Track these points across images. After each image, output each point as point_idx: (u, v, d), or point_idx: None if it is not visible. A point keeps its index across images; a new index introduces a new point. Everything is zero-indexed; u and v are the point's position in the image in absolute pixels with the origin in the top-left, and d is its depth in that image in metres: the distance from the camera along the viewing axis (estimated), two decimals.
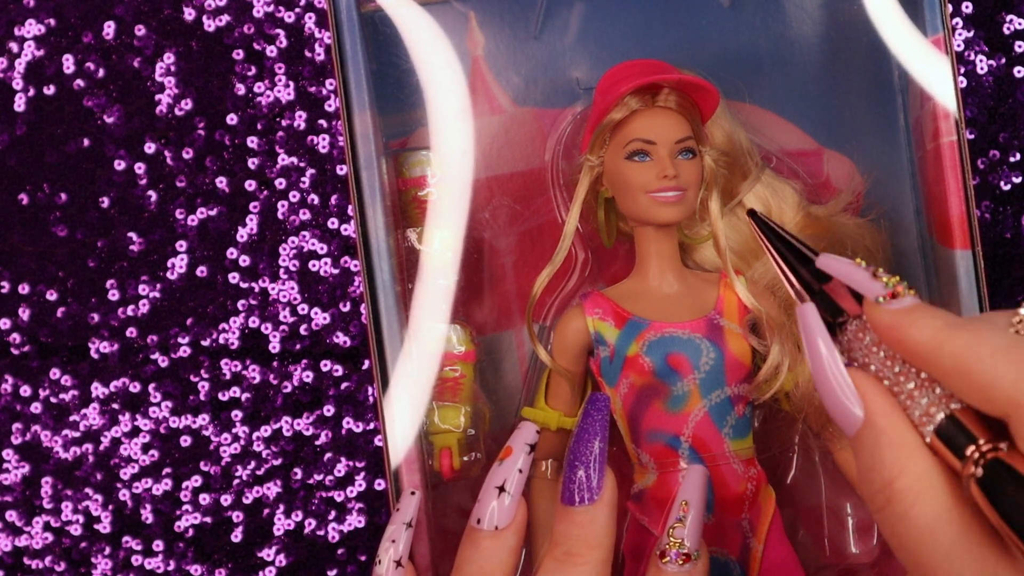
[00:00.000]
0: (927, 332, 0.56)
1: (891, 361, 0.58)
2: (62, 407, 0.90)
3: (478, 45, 0.83)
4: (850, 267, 0.60)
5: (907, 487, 0.56)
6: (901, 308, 0.58)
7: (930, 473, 0.56)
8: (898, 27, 0.80)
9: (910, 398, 0.57)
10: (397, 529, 0.72)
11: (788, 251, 0.63)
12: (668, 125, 0.76)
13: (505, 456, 0.69)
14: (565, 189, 0.82)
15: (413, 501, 0.72)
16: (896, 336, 0.58)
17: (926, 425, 0.57)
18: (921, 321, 0.57)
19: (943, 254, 0.78)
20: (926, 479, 0.56)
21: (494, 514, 0.67)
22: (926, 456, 0.57)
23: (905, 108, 0.82)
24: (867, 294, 0.59)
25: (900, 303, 0.58)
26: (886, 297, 0.58)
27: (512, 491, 0.67)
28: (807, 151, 0.84)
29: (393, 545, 0.71)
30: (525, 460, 0.69)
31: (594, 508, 0.67)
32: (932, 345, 0.56)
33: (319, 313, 0.90)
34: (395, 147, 0.81)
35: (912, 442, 0.57)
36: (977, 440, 0.55)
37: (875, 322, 0.58)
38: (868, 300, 0.59)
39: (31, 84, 0.91)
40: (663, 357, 0.75)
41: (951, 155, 0.77)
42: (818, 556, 0.82)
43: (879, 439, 0.57)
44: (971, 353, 0.55)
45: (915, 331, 0.57)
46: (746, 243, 0.80)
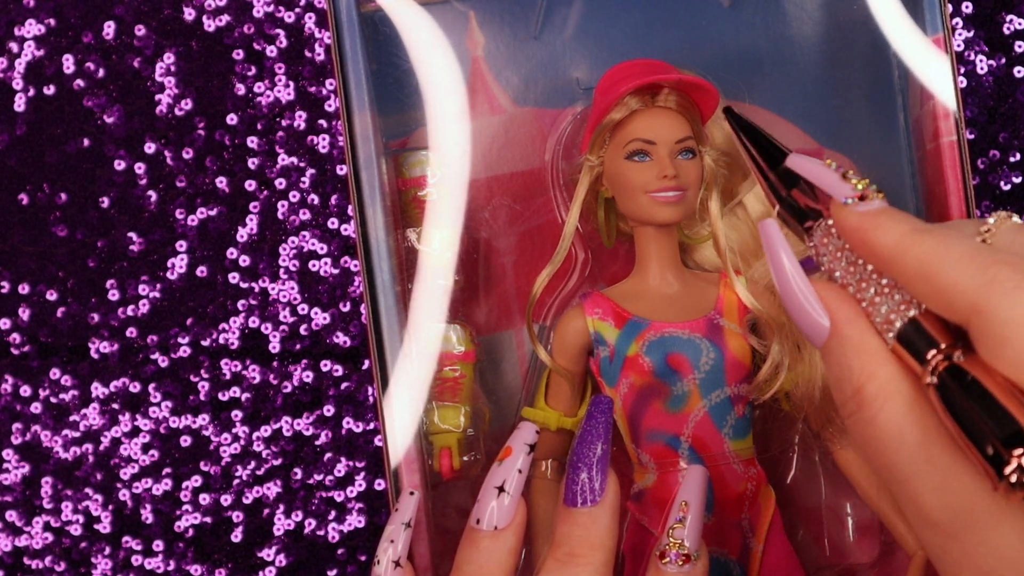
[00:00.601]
0: (893, 235, 0.56)
1: (854, 267, 0.58)
2: (62, 407, 0.90)
3: (478, 45, 0.83)
4: (819, 167, 0.60)
5: (875, 392, 0.56)
6: (868, 210, 0.58)
7: (896, 378, 0.56)
8: (899, 26, 0.80)
9: (871, 304, 0.57)
10: (396, 529, 0.71)
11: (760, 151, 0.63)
12: (668, 125, 0.76)
13: (504, 456, 0.69)
14: (565, 189, 0.82)
15: (412, 501, 0.72)
16: (862, 238, 0.57)
17: (887, 331, 0.57)
18: (888, 224, 0.57)
19: None
20: (892, 384, 0.56)
21: (493, 514, 0.67)
22: (891, 361, 0.57)
23: (905, 108, 0.82)
24: (835, 195, 0.59)
25: (868, 205, 0.58)
26: (854, 199, 0.58)
27: (511, 491, 0.67)
28: (807, 151, 0.83)
29: (392, 545, 0.71)
30: (524, 460, 0.69)
31: (596, 509, 0.67)
32: (897, 249, 0.56)
33: (319, 313, 0.90)
34: (395, 147, 0.81)
35: (878, 348, 0.57)
36: (939, 345, 0.55)
37: (841, 224, 0.58)
38: (835, 201, 0.59)
39: (31, 84, 0.91)
40: (663, 357, 0.75)
41: (951, 154, 0.77)
42: (818, 556, 0.82)
43: (846, 347, 0.58)
44: (935, 258, 0.55)
45: (881, 234, 0.57)
46: (746, 243, 0.80)
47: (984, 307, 0.52)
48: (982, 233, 0.57)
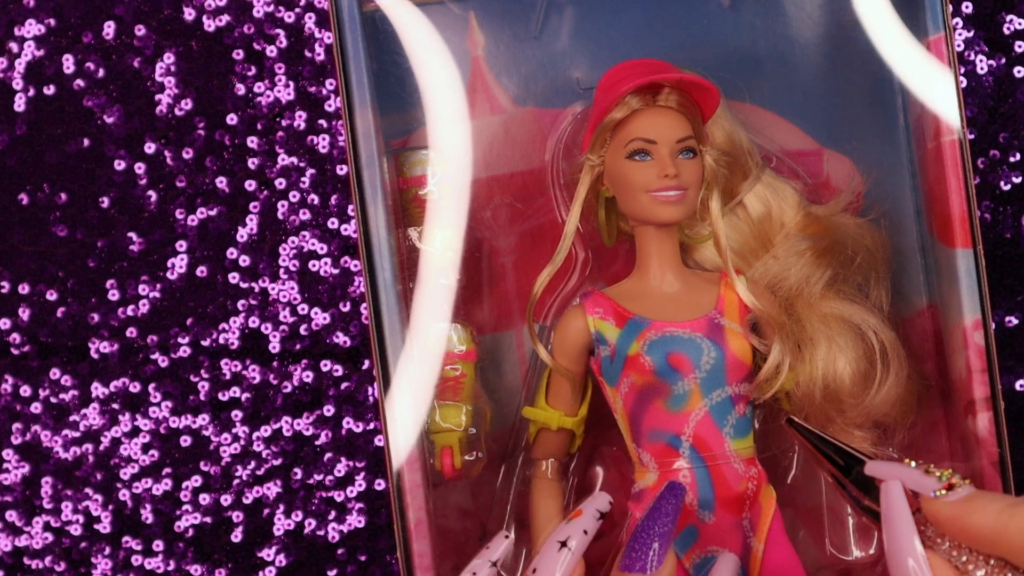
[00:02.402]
0: (990, 515, 0.58)
1: (957, 551, 0.60)
2: (62, 407, 0.90)
3: (478, 45, 0.83)
4: (900, 468, 0.63)
5: None
6: (959, 499, 0.60)
7: None
8: (893, 32, 0.80)
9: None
10: (481, 564, 0.72)
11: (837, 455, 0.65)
12: (669, 124, 0.76)
13: (574, 517, 0.70)
14: (565, 189, 0.82)
15: (505, 544, 0.73)
16: (959, 525, 0.60)
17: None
18: (982, 506, 0.59)
19: (944, 252, 0.78)
20: None
21: (552, 566, 0.68)
22: None
23: (905, 108, 0.82)
24: (923, 491, 0.61)
25: (957, 494, 0.60)
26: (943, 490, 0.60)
27: (573, 549, 0.69)
28: (807, 151, 0.84)
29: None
30: (592, 524, 0.70)
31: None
32: (997, 526, 0.58)
33: (319, 313, 0.90)
34: (396, 146, 0.81)
35: None
36: None
37: (935, 515, 0.61)
38: (926, 496, 0.61)
39: (31, 84, 0.91)
40: (664, 356, 0.75)
41: (952, 153, 0.77)
42: (818, 556, 0.82)
43: None
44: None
45: (978, 516, 0.59)
46: (746, 242, 0.80)
47: None
48: None
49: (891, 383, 0.77)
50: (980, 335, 0.76)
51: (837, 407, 0.77)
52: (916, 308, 0.82)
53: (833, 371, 0.77)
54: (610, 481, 0.83)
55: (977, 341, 0.77)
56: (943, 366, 0.81)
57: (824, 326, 0.77)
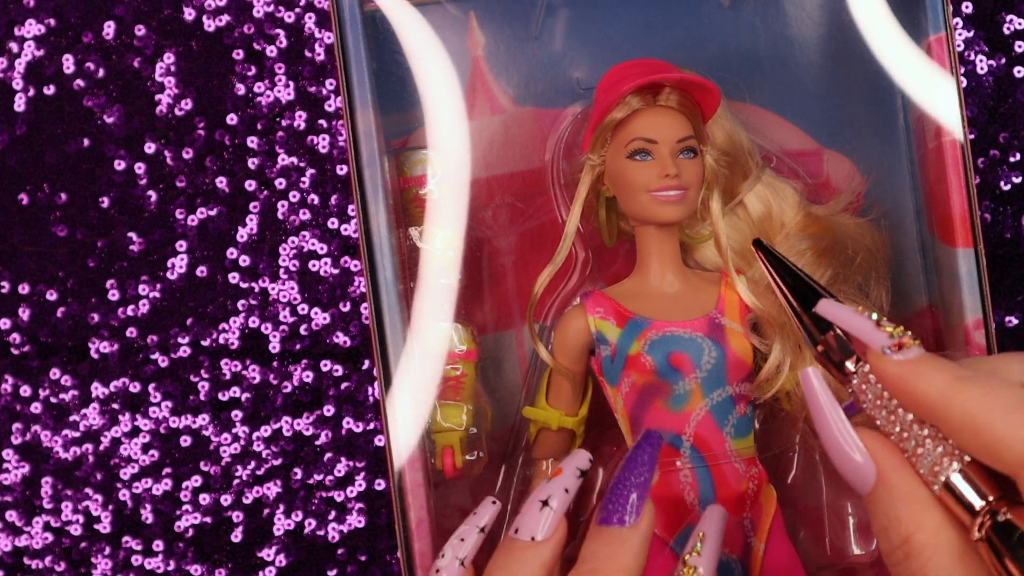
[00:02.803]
0: (936, 385, 0.56)
1: (894, 416, 0.58)
2: (62, 407, 0.90)
3: (478, 45, 0.83)
4: (852, 315, 0.60)
5: (924, 541, 0.56)
6: (908, 359, 0.57)
7: (944, 526, 0.56)
8: (893, 32, 0.80)
9: (914, 455, 0.57)
10: (469, 530, 0.70)
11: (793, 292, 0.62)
12: (669, 124, 0.76)
13: (554, 475, 0.69)
14: (565, 189, 0.83)
15: (491, 509, 0.72)
16: (903, 388, 0.57)
17: (932, 483, 0.56)
18: (929, 373, 0.56)
19: (945, 252, 0.78)
20: (941, 533, 0.56)
21: (534, 525, 0.67)
22: (939, 510, 0.57)
23: (905, 108, 0.82)
24: (872, 344, 0.58)
25: (907, 354, 0.57)
26: (892, 348, 0.58)
27: (555, 507, 0.67)
28: (807, 151, 0.84)
29: (461, 544, 0.70)
30: (573, 483, 0.68)
31: (628, 531, 0.66)
32: (941, 399, 0.56)
33: (319, 313, 0.90)
34: (396, 146, 0.81)
35: (925, 497, 0.57)
36: (987, 497, 0.55)
37: (881, 373, 0.58)
38: (873, 350, 0.58)
39: (31, 84, 0.91)
40: (665, 356, 0.75)
41: (953, 153, 0.77)
42: (819, 556, 0.82)
43: (893, 496, 0.57)
44: (981, 409, 0.54)
45: (923, 383, 0.56)
46: (747, 242, 0.80)
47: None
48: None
49: None
50: (981, 334, 0.77)
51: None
52: (916, 308, 0.82)
53: None
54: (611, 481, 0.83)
55: (978, 340, 0.77)
56: None
57: None
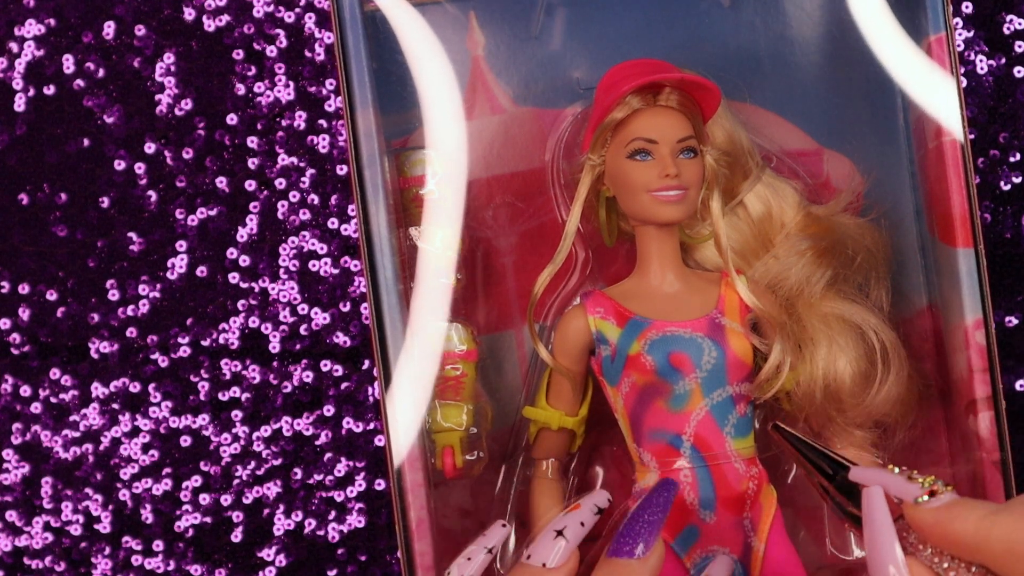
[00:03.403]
0: (971, 522, 0.58)
1: (939, 558, 0.60)
2: (62, 407, 0.90)
3: (478, 45, 0.83)
4: (883, 475, 0.63)
5: None
6: (942, 505, 0.60)
7: None
8: (893, 32, 0.80)
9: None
10: (476, 549, 0.71)
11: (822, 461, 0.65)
12: (670, 124, 0.76)
13: (572, 509, 0.70)
14: (565, 189, 0.83)
15: (501, 532, 0.72)
16: (941, 532, 0.60)
17: None
18: (964, 513, 0.59)
19: (945, 252, 0.78)
20: None
21: (546, 552, 0.68)
22: None
23: (905, 108, 0.82)
24: (906, 497, 0.61)
25: (939, 501, 0.60)
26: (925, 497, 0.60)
27: (569, 538, 0.68)
28: (807, 151, 0.84)
29: (467, 563, 0.71)
30: (590, 519, 0.70)
31: (636, 563, 0.67)
32: (978, 534, 0.58)
33: (319, 313, 0.90)
34: (396, 146, 0.81)
35: None
36: None
37: (918, 521, 0.61)
38: (908, 503, 0.61)
39: (31, 84, 0.91)
40: (665, 356, 0.75)
41: (953, 153, 0.77)
42: (819, 556, 0.82)
43: None
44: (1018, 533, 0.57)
45: (959, 523, 0.59)
46: (747, 242, 0.80)
47: None
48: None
49: (891, 383, 0.78)
50: (981, 334, 0.77)
51: (838, 407, 0.77)
52: (916, 308, 0.82)
53: (834, 371, 0.77)
54: (610, 481, 0.83)
55: (979, 340, 0.77)
56: (943, 365, 0.81)
57: (825, 326, 0.77)
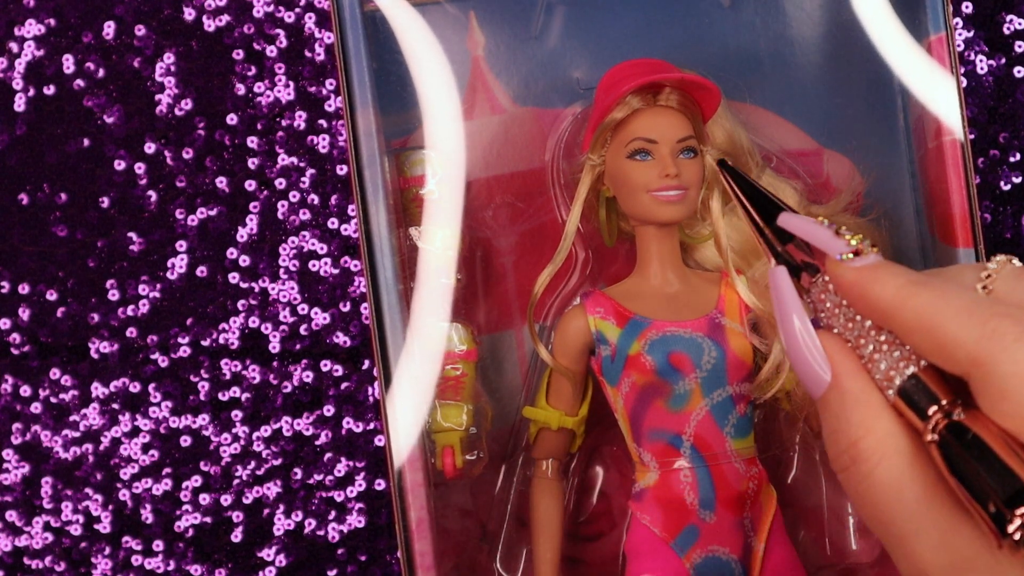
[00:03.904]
0: (890, 288, 0.56)
1: (852, 323, 0.58)
2: (62, 407, 0.90)
3: (478, 45, 0.83)
4: (812, 225, 0.60)
5: (872, 446, 0.56)
6: (864, 265, 0.57)
7: (894, 433, 0.56)
8: (893, 32, 0.80)
9: (871, 360, 0.57)
10: None
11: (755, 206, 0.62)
12: (670, 124, 0.76)
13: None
14: (565, 189, 0.83)
15: None
16: (859, 293, 0.57)
17: (887, 387, 0.56)
18: (884, 278, 0.56)
19: (946, 252, 0.78)
20: (891, 439, 0.56)
21: None
22: (891, 416, 0.56)
23: (905, 108, 0.82)
24: (830, 252, 0.59)
25: (863, 260, 0.58)
26: (849, 254, 0.58)
27: None
28: (807, 151, 0.84)
29: None
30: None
31: None
32: (895, 301, 0.55)
33: (319, 313, 0.90)
34: (396, 146, 0.81)
35: (877, 402, 0.57)
36: (940, 400, 0.55)
37: (838, 279, 0.58)
38: (831, 258, 0.59)
39: (31, 84, 0.91)
40: (665, 356, 0.75)
41: (953, 152, 0.77)
42: (819, 556, 0.82)
43: (845, 399, 0.57)
44: (934, 310, 0.54)
45: (878, 287, 0.56)
46: (747, 242, 0.80)
47: (984, 361, 0.52)
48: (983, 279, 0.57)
49: None
50: None
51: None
52: None
53: None
54: (610, 481, 0.83)
55: None
56: None
57: None
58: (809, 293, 0.61)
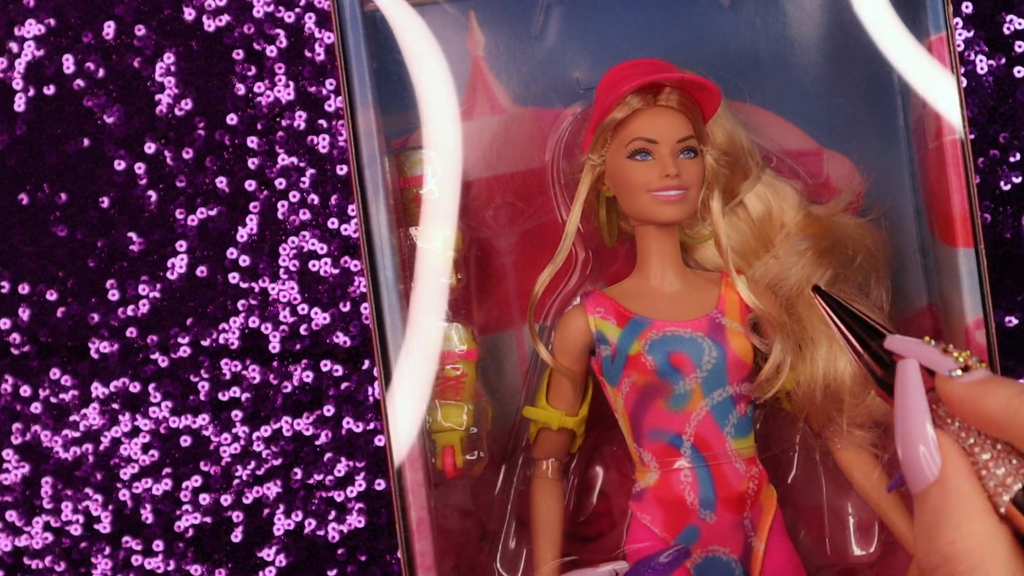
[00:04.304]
0: (1002, 400, 0.58)
1: (965, 433, 0.60)
2: (62, 407, 0.90)
3: (478, 45, 0.83)
4: (919, 346, 0.62)
5: (971, 547, 0.57)
6: (974, 380, 0.59)
7: (996, 537, 0.57)
8: (894, 32, 0.80)
9: (985, 468, 0.58)
10: None
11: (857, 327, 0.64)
12: (670, 124, 0.76)
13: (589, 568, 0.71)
14: (565, 189, 0.83)
15: None
16: (971, 407, 0.59)
17: (1002, 493, 0.57)
18: (995, 391, 0.58)
19: (945, 252, 0.78)
20: (991, 543, 0.57)
21: None
22: (994, 522, 0.57)
23: (905, 108, 0.82)
24: (939, 369, 0.60)
25: (972, 376, 0.59)
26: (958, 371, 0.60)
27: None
28: (807, 151, 0.84)
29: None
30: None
31: None
32: (1007, 412, 0.57)
33: (319, 313, 0.90)
34: (396, 146, 0.81)
35: (981, 505, 0.58)
36: None
37: (949, 395, 0.60)
38: (940, 375, 0.60)
39: (31, 84, 0.91)
40: (665, 356, 0.75)
41: (953, 152, 0.77)
42: (819, 555, 0.82)
43: (948, 497, 0.58)
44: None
45: (990, 400, 0.58)
46: (747, 242, 0.80)
47: None
48: None
49: None
50: (982, 334, 0.77)
51: (838, 406, 0.77)
52: (916, 307, 0.82)
53: (834, 370, 0.77)
54: (610, 481, 0.83)
55: (979, 340, 0.77)
56: None
57: (825, 326, 0.77)
58: None
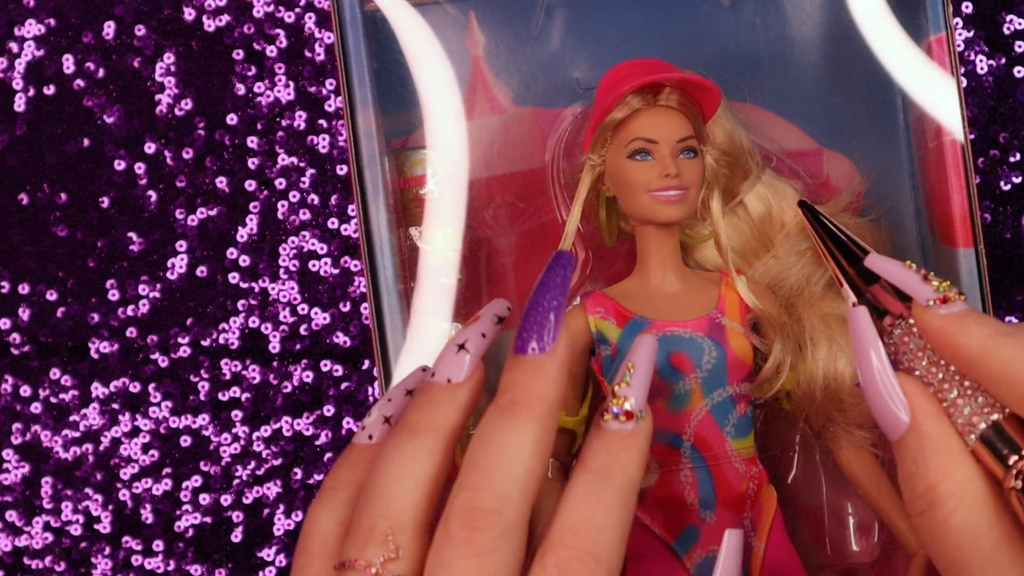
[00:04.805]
0: (977, 338, 0.56)
1: (935, 367, 0.58)
2: (62, 407, 0.90)
3: (478, 45, 0.83)
4: (900, 269, 0.61)
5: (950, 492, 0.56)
6: (951, 313, 0.58)
7: (973, 479, 0.56)
8: (893, 32, 0.80)
9: (953, 405, 0.57)
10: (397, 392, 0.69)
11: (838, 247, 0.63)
12: (670, 124, 0.76)
13: (472, 321, 0.67)
14: (565, 189, 0.83)
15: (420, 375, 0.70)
16: (944, 341, 0.58)
17: (969, 433, 0.57)
18: (971, 327, 0.57)
19: (946, 252, 0.78)
20: (969, 485, 0.56)
21: (450, 368, 0.65)
22: (969, 462, 0.57)
23: (905, 108, 0.82)
24: (917, 297, 0.59)
25: (951, 308, 0.58)
26: (936, 301, 0.58)
27: (472, 351, 0.65)
28: (807, 151, 0.84)
29: (388, 403, 0.69)
30: (491, 329, 0.66)
31: (544, 358, 0.63)
32: (981, 351, 0.56)
33: (319, 313, 0.90)
34: (396, 146, 0.81)
35: (956, 447, 0.57)
36: (1021, 450, 0.55)
37: (924, 326, 0.58)
38: (917, 303, 0.59)
39: (31, 84, 0.91)
40: (665, 356, 0.75)
41: (953, 152, 0.77)
42: (819, 556, 0.82)
43: (924, 444, 0.57)
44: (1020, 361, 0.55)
45: (965, 336, 0.57)
46: (747, 242, 0.80)
47: None
48: None
49: None
50: None
51: (838, 406, 0.77)
52: None
53: (834, 370, 0.77)
54: None
55: None
56: None
57: (825, 326, 0.77)
58: (890, 335, 0.61)
